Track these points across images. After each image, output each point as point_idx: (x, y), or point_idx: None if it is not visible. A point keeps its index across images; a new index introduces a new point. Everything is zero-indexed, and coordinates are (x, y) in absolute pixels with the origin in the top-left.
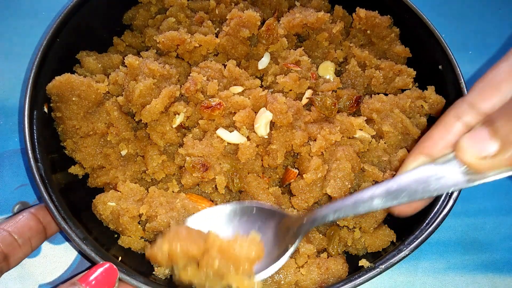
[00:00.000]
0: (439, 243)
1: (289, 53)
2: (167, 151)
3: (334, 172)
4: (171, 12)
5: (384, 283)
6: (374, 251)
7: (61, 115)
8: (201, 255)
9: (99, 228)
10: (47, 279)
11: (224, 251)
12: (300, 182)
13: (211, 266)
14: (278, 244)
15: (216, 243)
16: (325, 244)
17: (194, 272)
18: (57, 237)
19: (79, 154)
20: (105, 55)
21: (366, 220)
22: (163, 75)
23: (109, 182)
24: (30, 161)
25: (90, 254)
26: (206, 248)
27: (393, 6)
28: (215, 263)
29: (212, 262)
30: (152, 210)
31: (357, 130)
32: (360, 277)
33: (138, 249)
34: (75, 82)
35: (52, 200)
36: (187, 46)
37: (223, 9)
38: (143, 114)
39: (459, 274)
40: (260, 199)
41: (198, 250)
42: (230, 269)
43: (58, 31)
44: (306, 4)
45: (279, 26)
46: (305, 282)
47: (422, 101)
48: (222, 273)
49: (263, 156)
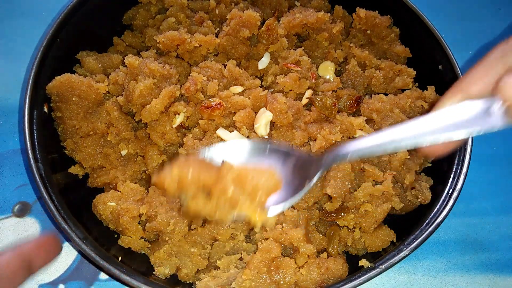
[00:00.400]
0: (439, 243)
1: (289, 53)
2: (167, 151)
3: (334, 172)
4: (171, 12)
5: (384, 283)
6: (374, 251)
7: (61, 115)
8: (213, 183)
9: (99, 228)
10: (47, 279)
11: (239, 179)
12: None
13: (223, 194)
14: (294, 181)
15: (231, 171)
16: (325, 244)
17: (204, 201)
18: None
19: (79, 154)
20: (105, 55)
21: (366, 220)
22: (163, 75)
23: (109, 182)
24: (30, 161)
25: (90, 254)
26: (220, 176)
27: (393, 6)
28: (228, 191)
29: (226, 190)
30: (152, 210)
31: (357, 130)
32: (360, 277)
33: (138, 249)
34: (75, 82)
35: (52, 200)
36: (187, 46)
37: (223, 9)
38: (143, 114)
39: (459, 274)
40: None
41: (211, 178)
42: (244, 199)
43: (58, 31)
44: (306, 4)
45: (279, 26)
46: (305, 282)
47: (422, 101)
48: (235, 202)
49: None
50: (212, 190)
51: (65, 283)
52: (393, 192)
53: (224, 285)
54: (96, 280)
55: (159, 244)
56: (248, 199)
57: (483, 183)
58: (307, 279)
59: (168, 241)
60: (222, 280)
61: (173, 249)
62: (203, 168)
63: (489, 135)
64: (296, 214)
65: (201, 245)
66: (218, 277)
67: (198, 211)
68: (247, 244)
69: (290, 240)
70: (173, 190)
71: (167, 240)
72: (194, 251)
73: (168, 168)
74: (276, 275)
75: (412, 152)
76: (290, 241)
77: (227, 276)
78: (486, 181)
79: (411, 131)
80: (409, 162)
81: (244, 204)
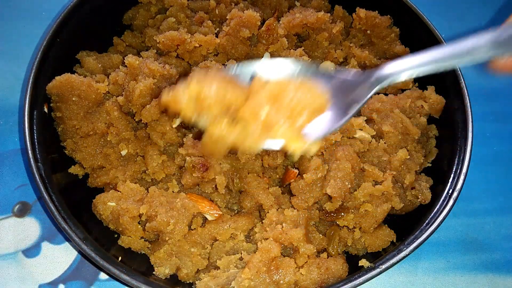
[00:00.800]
0: (439, 243)
1: (289, 53)
2: (167, 151)
3: (334, 172)
4: (171, 12)
5: (384, 283)
6: (374, 251)
7: (61, 115)
8: (242, 103)
9: (99, 228)
10: (47, 279)
11: (277, 96)
12: (300, 182)
13: (255, 116)
14: (339, 104)
15: (266, 86)
16: (325, 244)
17: (228, 125)
18: (57, 237)
19: (79, 154)
20: (105, 55)
21: (366, 220)
22: (163, 75)
23: (109, 182)
24: (30, 161)
25: (90, 254)
26: (252, 92)
27: (393, 6)
28: (261, 112)
29: (259, 111)
30: (152, 210)
31: (357, 130)
32: (360, 277)
33: (138, 249)
34: (75, 82)
35: (52, 200)
36: (187, 46)
37: (223, 9)
38: (143, 114)
39: (459, 274)
40: (260, 199)
41: (239, 96)
42: (282, 122)
43: (58, 31)
44: (306, 4)
45: (279, 26)
46: (304, 282)
47: (422, 101)
48: (269, 126)
49: (263, 156)
50: (240, 112)
51: (65, 283)
52: (393, 192)
53: (224, 285)
54: (96, 280)
55: (159, 244)
56: (287, 122)
57: (483, 183)
58: (307, 279)
59: (168, 241)
60: (222, 280)
61: (173, 249)
62: (229, 84)
63: (489, 135)
64: (296, 214)
65: (201, 245)
66: (218, 277)
67: (222, 139)
68: (247, 244)
69: (290, 240)
70: (189, 112)
71: (167, 240)
72: (194, 251)
73: (183, 83)
74: (276, 275)
75: (412, 152)
76: (290, 241)
77: (227, 276)
78: (486, 181)
79: (486, 43)
80: (409, 162)
81: (282, 128)
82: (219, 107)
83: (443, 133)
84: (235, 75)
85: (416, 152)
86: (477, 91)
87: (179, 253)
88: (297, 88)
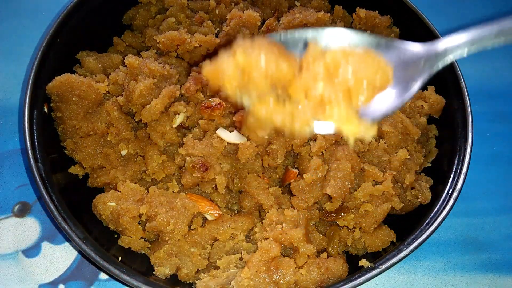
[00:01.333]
0: (439, 243)
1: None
2: (167, 151)
3: (334, 172)
4: (171, 12)
5: (384, 283)
6: (374, 251)
7: (61, 115)
8: (293, 76)
9: (99, 228)
10: (47, 279)
11: (335, 69)
12: (300, 182)
13: (309, 93)
14: (399, 80)
15: (322, 57)
16: (325, 244)
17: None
18: (57, 237)
19: (79, 154)
20: (105, 55)
21: (366, 220)
22: (163, 75)
23: (109, 182)
24: (30, 161)
25: (90, 254)
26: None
27: (393, 6)
28: (317, 88)
29: (313, 86)
30: (152, 210)
31: None
32: (360, 277)
33: (138, 249)
34: (75, 82)
35: (52, 200)
36: (187, 46)
37: (223, 9)
38: (143, 114)
39: (459, 274)
40: (260, 199)
41: (292, 68)
42: (340, 98)
43: (58, 31)
44: (306, 4)
45: (279, 26)
46: (304, 282)
47: (422, 101)
48: (324, 104)
49: (263, 156)
50: (292, 87)
51: (65, 283)
52: (393, 192)
53: (224, 284)
54: (96, 280)
55: (159, 244)
56: (344, 100)
57: (483, 183)
58: (307, 279)
59: (168, 241)
60: (222, 279)
61: (173, 249)
62: (279, 54)
63: (489, 135)
64: (296, 214)
65: (201, 245)
66: (218, 276)
67: (268, 119)
68: (247, 244)
69: (290, 240)
70: (233, 86)
71: (167, 240)
72: (194, 251)
73: (226, 54)
74: (276, 275)
75: (412, 152)
76: (290, 241)
77: (227, 276)
78: (486, 181)
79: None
80: (409, 162)
81: (337, 106)
82: (267, 80)
83: (443, 133)
84: (283, 43)
85: (416, 152)
86: (477, 91)
87: (179, 253)
88: (360, 59)
